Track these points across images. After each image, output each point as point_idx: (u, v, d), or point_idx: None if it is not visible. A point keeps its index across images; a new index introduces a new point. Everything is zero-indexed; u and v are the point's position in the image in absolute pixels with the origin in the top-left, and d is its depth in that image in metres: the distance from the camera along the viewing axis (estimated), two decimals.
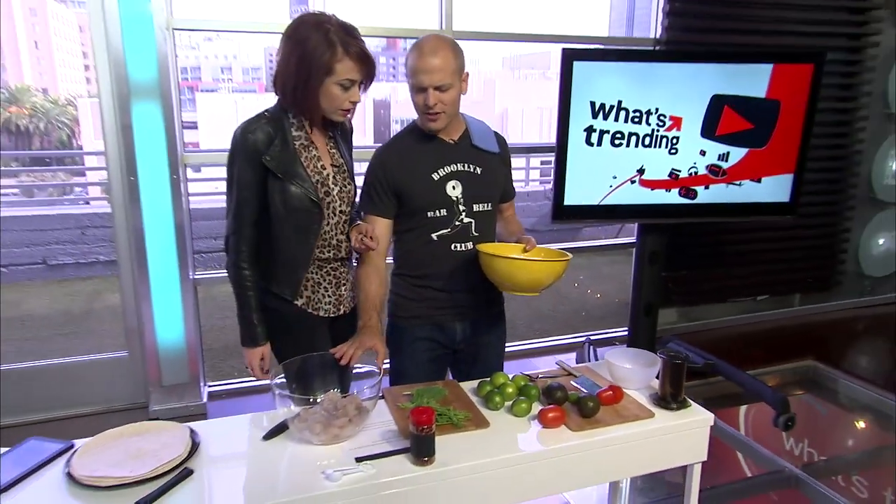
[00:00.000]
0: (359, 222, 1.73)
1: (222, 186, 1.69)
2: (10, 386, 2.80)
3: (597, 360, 3.22)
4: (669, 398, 1.56)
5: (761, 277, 3.93)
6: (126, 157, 2.57)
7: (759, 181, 2.89)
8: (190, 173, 2.83)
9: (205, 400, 2.91)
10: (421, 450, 1.30)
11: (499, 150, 1.82)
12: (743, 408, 3.22)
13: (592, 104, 2.67)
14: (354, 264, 1.80)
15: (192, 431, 1.39)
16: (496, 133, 1.86)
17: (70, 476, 1.24)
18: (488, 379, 1.62)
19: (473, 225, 1.76)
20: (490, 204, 1.79)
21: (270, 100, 1.68)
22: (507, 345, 2.01)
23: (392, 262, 1.89)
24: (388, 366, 1.84)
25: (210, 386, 3.04)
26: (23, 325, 4.39)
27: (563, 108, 2.66)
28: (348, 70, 1.54)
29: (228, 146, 1.62)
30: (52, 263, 5.25)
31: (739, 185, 2.88)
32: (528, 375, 1.67)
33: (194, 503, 1.21)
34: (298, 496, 1.22)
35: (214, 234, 5.28)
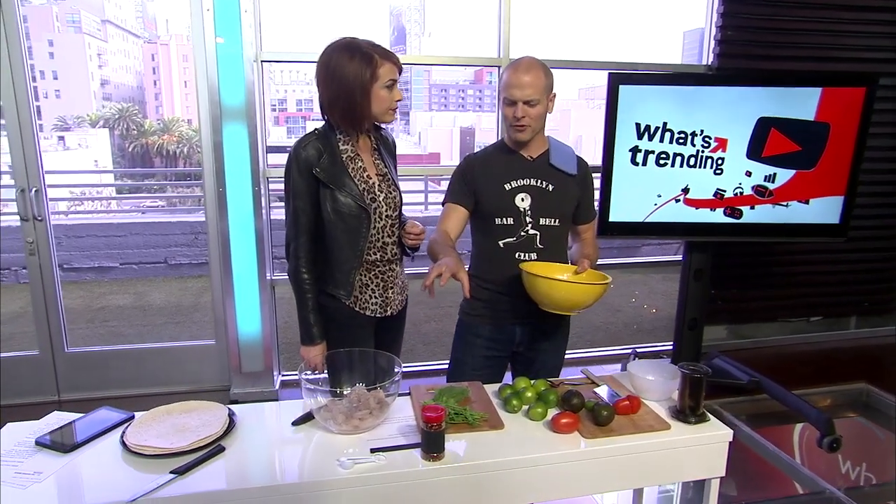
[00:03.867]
0: (406, 221, 1.71)
1: None
2: (125, 363, 2.97)
3: None
4: (688, 412, 1.40)
5: (815, 299, 3.57)
6: (217, 171, 2.67)
7: (806, 202, 2.61)
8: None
9: (277, 387, 2.95)
10: (430, 446, 1.22)
11: (577, 172, 1.73)
12: (798, 426, 2.90)
13: (638, 125, 2.52)
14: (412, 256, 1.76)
15: (230, 412, 1.38)
16: (579, 158, 1.77)
17: (123, 443, 1.26)
18: (511, 382, 1.53)
19: (539, 237, 1.69)
20: (558, 220, 1.71)
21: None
22: None
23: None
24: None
25: (283, 375, 3.08)
26: (144, 314, 4.68)
27: (609, 129, 2.52)
28: (389, 71, 1.54)
29: None
30: (172, 263, 5.58)
31: (786, 205, 2.61)
32: (549, 381, 1.56)
33: (221, 476, 1.19)
34: (312, 479, 1.18)
35: None
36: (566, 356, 3.60)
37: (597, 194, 2.72)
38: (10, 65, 2.55)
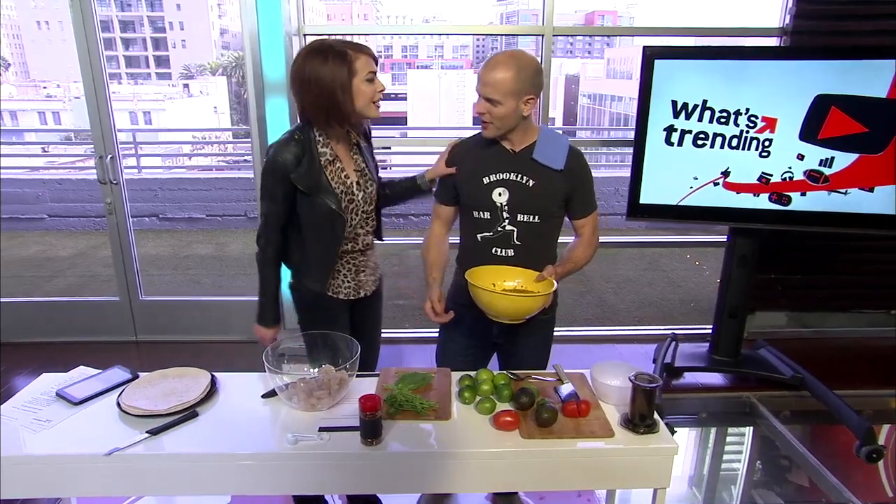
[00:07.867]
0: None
1: None
2: (190, 312, 3.31)
3: (674, 356, 2.93)
4: (637, 421, 1.39)
5: None
6: (261, 142, 2.84)
7: (871, 190, 2.35)
8: None
9: None
10: (366, 431, 1.32)
11: (564, 167, 1.64)
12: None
13: (674, 103, 2.37)
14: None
15: (213, 380, 1.56)
16: (572, 150, 1.66)
17: (118, 402, 1.47)
18: (473, 373, 1.58)
19: (515, 233, 1.67)
20: (537, 217, 1.66)
21: (472, 78, 1.72)
22: (600, 329, 1.90)
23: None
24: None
25: None
26: (221, 264, 5.14)
27: (643, 106, 2.40)
28: (365, 64, 1.57)
29: None
30: (251, 216, 6.01)
31: (845, 193, 2.37)
32: (513, 375, 1.60)
33: (188, 438, 1.36)
34: (260, 451, 1.33)
35: None
36: (609, 333, 3.54)
37: (622, 178, 2.60)
38: (88, 46, 2.83)
